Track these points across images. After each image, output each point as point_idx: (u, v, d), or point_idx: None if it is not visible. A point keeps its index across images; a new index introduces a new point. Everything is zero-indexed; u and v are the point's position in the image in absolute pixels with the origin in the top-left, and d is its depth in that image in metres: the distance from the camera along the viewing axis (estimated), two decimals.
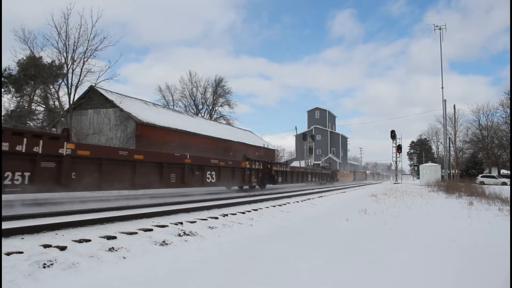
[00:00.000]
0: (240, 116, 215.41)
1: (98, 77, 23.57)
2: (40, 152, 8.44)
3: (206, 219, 6.71)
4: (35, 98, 32.31)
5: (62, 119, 25.04)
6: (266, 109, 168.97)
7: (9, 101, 31.61)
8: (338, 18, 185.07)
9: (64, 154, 9.05)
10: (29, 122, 31.58)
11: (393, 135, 44.41)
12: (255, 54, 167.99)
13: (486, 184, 29.29)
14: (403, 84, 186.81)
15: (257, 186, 20.57)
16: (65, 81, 24.13)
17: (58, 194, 10.47)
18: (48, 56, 24.54)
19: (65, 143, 9.12)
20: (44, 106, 32.01)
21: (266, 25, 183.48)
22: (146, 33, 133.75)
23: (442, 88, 35.95)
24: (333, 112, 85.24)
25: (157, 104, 36.62)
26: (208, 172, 15.02)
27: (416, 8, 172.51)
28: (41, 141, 8.48)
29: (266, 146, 44.40)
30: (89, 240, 4.43)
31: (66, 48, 22.93)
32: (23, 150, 8.07)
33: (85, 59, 23.27)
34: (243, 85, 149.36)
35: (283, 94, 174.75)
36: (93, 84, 24.03)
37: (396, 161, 46.47)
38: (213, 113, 54.86)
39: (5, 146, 7.70)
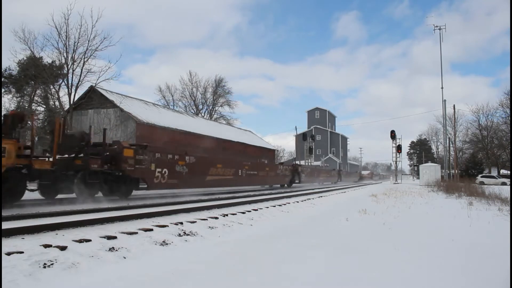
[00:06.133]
0: (243, 116, 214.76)
1: (99, 77, 23.53)
2: None
3: (206, 219, 6.72)
4: (36, 98, 32.31)
5: (63, 119, 25.03)
6: (269, 109, 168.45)
7: (9, 101, 31.60)
8: (342, 20, 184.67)
9: None
10: (29, 122, 31.54)
11: (393, 135, 44.46)
12: (260, 55, 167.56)
13: (485, 184, 29.26)
14: (405, 85, 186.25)
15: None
16: (66, 81, 24.12)
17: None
18: (48, 56, 24.57)
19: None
20: (44, 106, 32.01)
21: (271, 27, 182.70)
22: (153, 35, 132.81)
23: (442, 88, 35.99)
24: (334, 113, 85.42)
25: (157, 104, 36.62)
26: None
27: (418, 11, 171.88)
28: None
29: (265, 146, 44.41)
30: (90, 240, 4.43)
31: (66, 48, 22.95)
32: None
33: (85, 59, 23.29)
34: (247, 86, 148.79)
35: (287, 94, 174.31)
36: (93, 84, 24.02)
37: (396, 161, 46.54)
38: (213, 113, 54.89)
39: None
